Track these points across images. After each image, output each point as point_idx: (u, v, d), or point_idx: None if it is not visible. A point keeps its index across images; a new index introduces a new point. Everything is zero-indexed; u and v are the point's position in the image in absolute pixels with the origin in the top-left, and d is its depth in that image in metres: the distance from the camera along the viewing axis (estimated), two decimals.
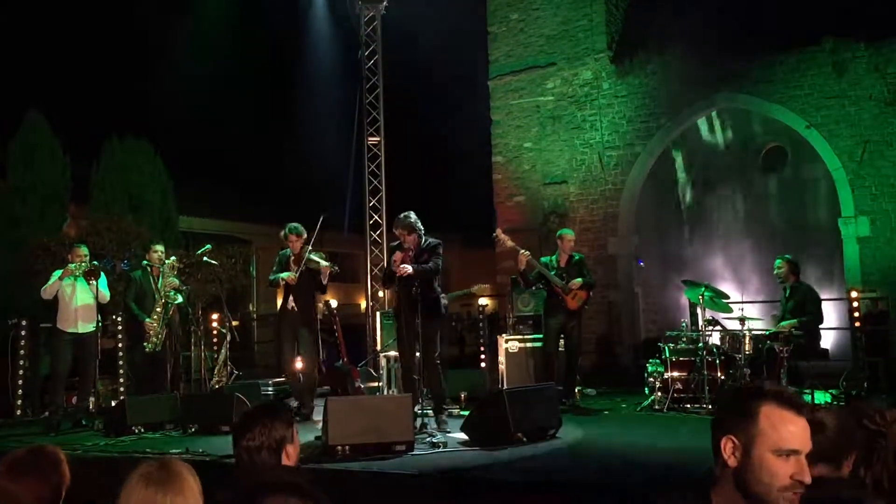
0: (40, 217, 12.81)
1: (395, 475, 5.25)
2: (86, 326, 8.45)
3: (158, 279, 8.80)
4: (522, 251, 8.47)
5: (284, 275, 8.38)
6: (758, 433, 1.97)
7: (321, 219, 8.44)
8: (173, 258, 9.05)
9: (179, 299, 8.97)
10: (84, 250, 8.57)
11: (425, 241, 7.38)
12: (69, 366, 8.53)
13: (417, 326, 6.98)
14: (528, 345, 9.56)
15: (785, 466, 1.94)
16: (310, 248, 8.43)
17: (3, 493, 2.50)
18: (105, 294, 8.53)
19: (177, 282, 8.88)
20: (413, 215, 7.37)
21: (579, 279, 8.71)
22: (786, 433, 1.95)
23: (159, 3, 19.00)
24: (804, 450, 1.95)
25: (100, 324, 8.55)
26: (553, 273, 8.70)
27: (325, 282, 8.37)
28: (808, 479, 1.92)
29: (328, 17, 16.05)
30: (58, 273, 8.40)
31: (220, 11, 16.71)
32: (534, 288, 9.25)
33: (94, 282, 8.31)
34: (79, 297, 8.41)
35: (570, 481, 4.91)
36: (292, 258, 8.50)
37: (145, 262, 8.94)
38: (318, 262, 8.29)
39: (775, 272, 8.64)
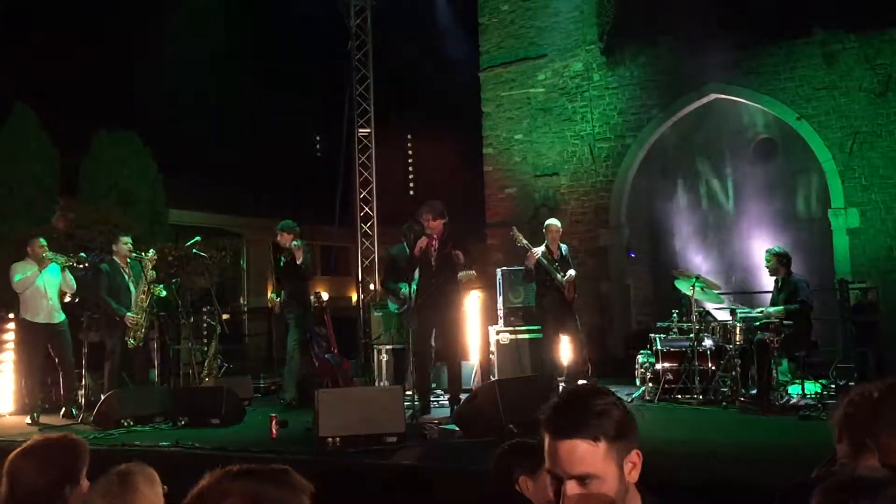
0: (28, 210, 12.72)
1: (385, 466, 5.24)
2: (57, 317, 8.42)
3: (132, 272, 8.70)
4: (533, 250, 8.58)
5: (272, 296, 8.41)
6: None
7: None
8: (152, 251, 8.95)
9: (164, 293, 8.91)
10: (43, 242, 8.51)
11: (450, 231, 7.36)
12: (43, 357, 8.49)
13: (439, 318, 7.03)
14: (520, 336, 9.57)
15: (556, 488, 1.83)
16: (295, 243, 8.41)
17: (18, 470, 2.59)
18: (72, 284, 8.50)
19: (153, 275, 8.79)
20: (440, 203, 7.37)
21: (572, 271, 8.82)
22: (547, 454, 1.85)
23: None
24: (564, 476, 1.80)
25: (63, 317, 8.55)
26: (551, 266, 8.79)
27: (299, 261, 8.29)
28: None
29: (319, 9, 15.96)
30: (27, 267, 8.33)
31: (208, 3, 16.60)
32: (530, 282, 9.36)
33: (67, 269, 8.31)
34: (48, 288, 8.36)
35: None
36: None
37: (139, 254, 8.85)
38: (296, 246, 8.28)
39: (766, 265, 8.65)
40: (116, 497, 2.28)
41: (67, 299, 8.90)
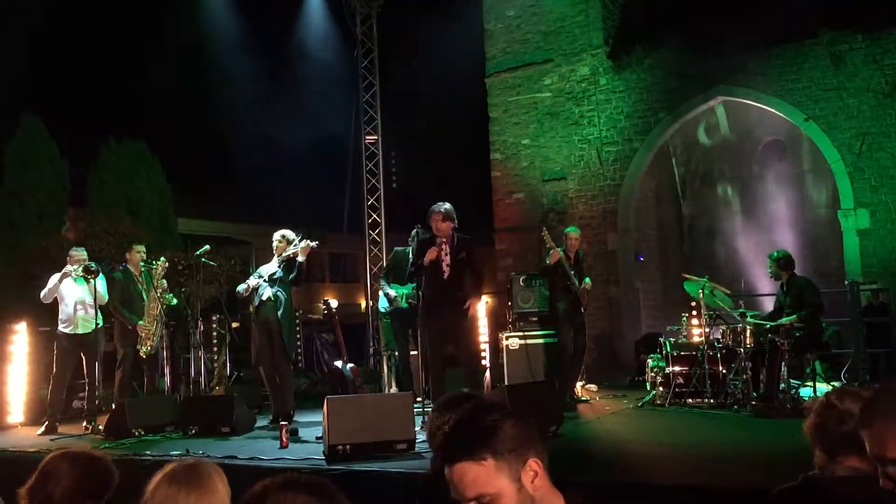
0: (38, 220, 12.79)
1: (395, 474, 5.23)
2: (86, 327, 8.41)
3: (144, 280, 8.68)
4: (556, 249, 8.59)
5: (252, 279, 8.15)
6: None
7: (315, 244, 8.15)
8: (162, 259, 8.94)
9: (174, 302, 8.91)
10: (83, 253, 8.50)
11: (459, 236, 7.28)
12: (72, 369, 8.49)
13: (448, 324, 6.99)
14: (530, 341, 9.55)
15: None
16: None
17: (52, 469, 2.66)
18: (103, 295, 8.47)
19: (164, 283, 8.78)
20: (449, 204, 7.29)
21: (587, 279, 8.86)
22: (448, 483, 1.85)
23: (156, 4, 18.98)
24: (463, 500, 1.80)
25: (99, 324, 8.48)
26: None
27: (301, 259, 7.81)
28: None
29: (325, 17, 16.01)
30: (52, 279, 8.35)
31: (216, 12, 16.68)
32: (539, 284, 9.37)
33: (92, 280, 8.25)
34: (77, 299, 8.36)
35: (570, 479, 4.88)
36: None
37: (150, 263, 8.83)
38: (296, 247, 7.94)
39: (769, 272, 8.58)
40: (185, 482, 2.28)
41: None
